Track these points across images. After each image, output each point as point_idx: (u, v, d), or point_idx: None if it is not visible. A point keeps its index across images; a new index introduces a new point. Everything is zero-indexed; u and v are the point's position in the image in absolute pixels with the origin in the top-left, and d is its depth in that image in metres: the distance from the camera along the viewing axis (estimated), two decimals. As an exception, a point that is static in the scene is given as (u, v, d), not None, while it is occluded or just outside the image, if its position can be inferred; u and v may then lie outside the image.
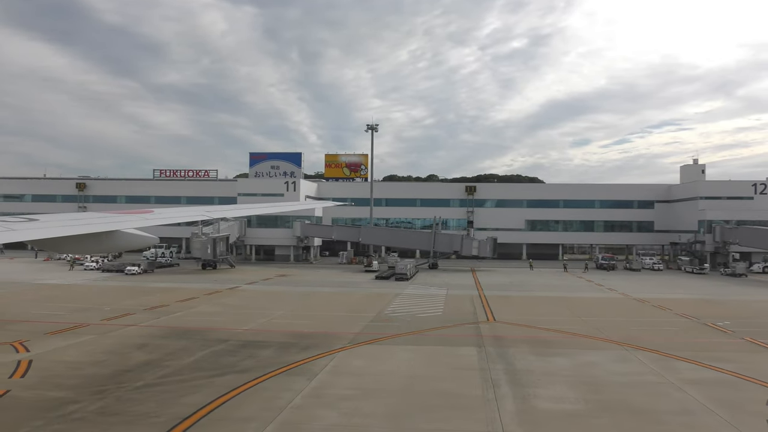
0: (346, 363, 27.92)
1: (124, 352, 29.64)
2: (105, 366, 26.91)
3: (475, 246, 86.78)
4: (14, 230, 14.24)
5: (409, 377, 25.48)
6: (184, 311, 43.45)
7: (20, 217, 16.29)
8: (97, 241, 17.25)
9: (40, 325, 36.49)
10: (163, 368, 26.39)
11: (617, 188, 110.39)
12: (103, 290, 56.61)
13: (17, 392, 22.34)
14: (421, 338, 34.39)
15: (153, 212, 21.68)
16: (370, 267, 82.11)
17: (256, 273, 76.96)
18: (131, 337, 33.41)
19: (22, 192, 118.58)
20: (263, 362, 27.89)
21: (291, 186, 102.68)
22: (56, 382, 24.01)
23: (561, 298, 54.34)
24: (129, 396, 22.18)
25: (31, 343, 31.24)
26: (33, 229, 14.98)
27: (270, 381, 24.59)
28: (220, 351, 30.17)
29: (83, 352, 29.52)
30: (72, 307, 44.67)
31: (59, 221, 17.29)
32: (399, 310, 45.42)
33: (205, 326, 37.54)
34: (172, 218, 24.79)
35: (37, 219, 16.22)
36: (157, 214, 21.28)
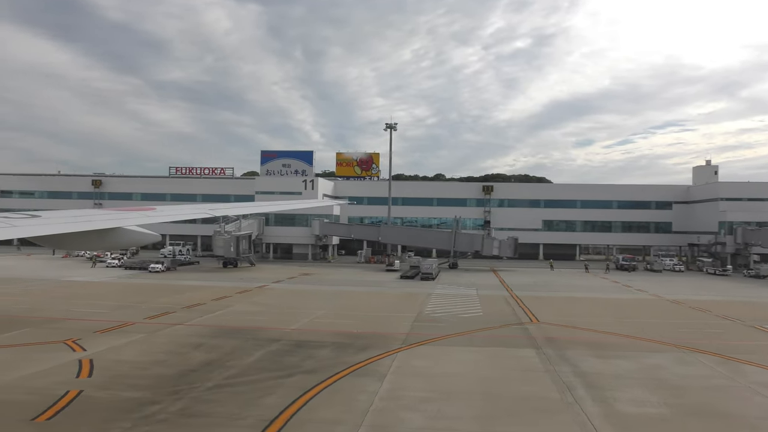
0: (410, 364, 27.60)
1: (182, 352, 29.31)
2: (168, 366, 26.59)
3: (496, 246, 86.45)
4: (16, 226, 14.13)
5: (480, 379, 25.17)
6: (224, 310, 43.13)
7: (22, 214, 16.14)
8: (100, 238, 17.06)
9: (86, 323, 36.19)
10: (228, 368, 26.07)
11: (635, 189, 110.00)
12: (133, 288, 56.30)
13: (91, 392, 22.02)
14: (473, 339, 34.09)
15: (156, 209, 21.54)
16: (392, 266, 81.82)
17: (278, 271, 76.63)
18: (183, 336, 33.10)
19: (37, 189, 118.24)
20: (325, 363, 27.57)
21: (309, 184, 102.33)
22: (126, 382, 23.71)
23: (595, 299, 54.04)
24: (205, 397, 21.87)
25: (84, 341, 30.93)
26: (35, 226, 14.80)
27: (341, 382, 24.27)
28: (276, 351, 29.85)
29: (140, 352, 29.21)
30: (110, 304, 44.36)
31: (61, 218, 17.10)
32: (438, 310, 45.09)
33: (250, 325, 37.22)
34: (175, 216, 24.65)
35: (40, 215, 16.06)
36: (159, 212, 21.11)
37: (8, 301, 44.79)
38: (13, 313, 39.57)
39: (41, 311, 40.57)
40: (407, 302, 49.82)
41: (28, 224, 14.80)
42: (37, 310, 41.24)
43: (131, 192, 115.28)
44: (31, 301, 45.30)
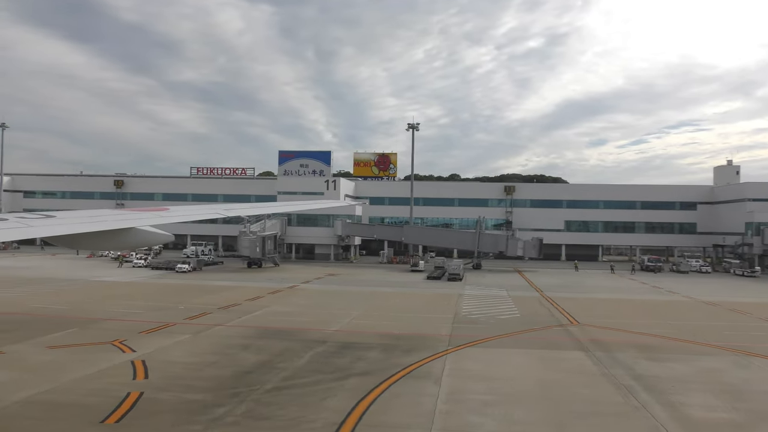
0: (462, 367, 27.29)
1: (231, 353, 29.20)
2: (221, 367, 26.48)
3: (520, 246, 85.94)
4: (32, 227, 14.26)
5: (537, 382, 24.85)
6: (261, 310, 43.06)
7: (38, 214, 16.27)
8: (114, 238, 17.23)
9: (129, 324, 36.23)
10: (281, 370, 25.92)
11: (659, 189, 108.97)
12: (165, 288, 56.42)
13: (152, 394, 21.92)
14: (517, 341, 33.77)
15: (169, 210, 21.63)
16: (417, 267, 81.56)
17: (304, 272, 76.60)
18: (227, 338, 33.01)
19: (60, 189, 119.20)
20: (376, 365, 27.35)
21: (331, 185, 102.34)
22: (184, 383, 23.62)
23: (629, 301, 53.49)
24: (266, 399, 21.71)
25: (131, 342, 30.91)
26: (50, 226, 14.89)
27: (397, 385, 24.01)
28: (324, 353, 29.66)
29: (189, 353, 29.14)
30: (146, 305, 44.43)
31: (76, 218, 17.23)
32: (474, 311, 44.75)
33: (291, 326, 37.09)
34: (188, 216, 24.74)
35: (54, 216, 16.18)
36: (173, 212, 21.17)
37: (48, 301, 44.96)
38: (57, 313, 39.72)
39: (82, 311, 40.69)
40: (441, 303, 49.57)
41: (44, 224, 14.89)
42: (78, 310, 41.37)
43: (153, 192, 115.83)
44: (69, 301, 45.47)
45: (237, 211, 41.07)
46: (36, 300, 45.38)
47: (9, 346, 28.99)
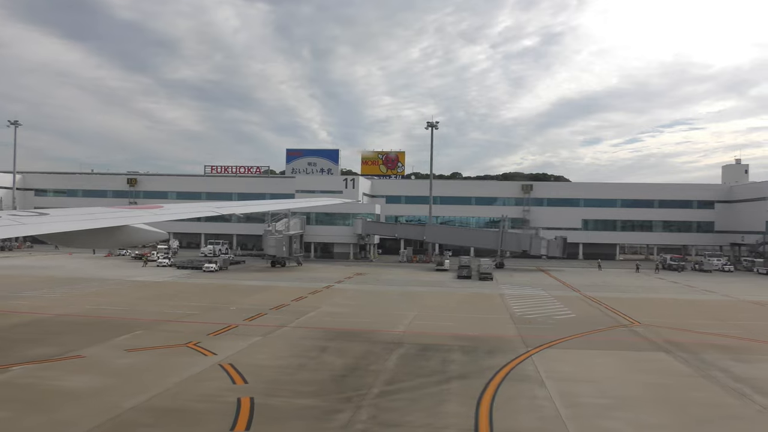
0: (556, 369, 26.80)
1: (313, 356, 28.60)
2: (312, 370, 25.87)
3: (544, 245, 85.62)
4: (24, 224, 13.96)
5: (642, 385, 24.44)
6: (314, 311, 42.40)
7: (30, 211, 15.99)
8: (108, 235, 17.11)
9: (191, 326, 35.58)
10: (375, 373, 25.39)
11: (676, 188, 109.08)
12: (203, 288, 55.57)
13: (263, 400, 21.28)
14: (592, 342, 33.43)
15: (163, 207, 21.52)
16: (442, 266, 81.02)
17: (329, 271, 75.92)
18: (299, 339, 32.40)
19: (73, 187, 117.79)
20: (468, 367, 26.91)
21: (350, 183, 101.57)
22: (286, 387, 23.03)
23: (676, 301, 53.23)
24: (384, 404, 21.16)
25: (205, 344, 30.24)
26: (43, 224, 14.62)
27: (505, 388, 23.50)
28: (407, 355, 29.12)
29: (271, 356, 28.50)
30: (196, 305, 43.69)
31: (69, 216, 17.06)
32: (528, 311, 44.30)
33: (354, 327, 36.51)
34: (182, 214, 24.59)
35: (48, 213, 15.95)
36: (166, 210, 21.10)
37: (98, 302, 44.09)
38: (113, 315, 38.94)
39: (137, 313, 39.91)
40: (487, 303, 49.21)
41: (37, 222, 14.61)
42: (133, 311, 40.58)
43: (166, 191, 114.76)
44: (119, 302, 44.67)
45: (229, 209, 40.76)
46: (85, 301, 44.53)
47: (86, 350, 28.25)
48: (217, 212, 24.61)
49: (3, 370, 24.28)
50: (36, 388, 22.02)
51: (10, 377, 23.32)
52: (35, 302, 43.28)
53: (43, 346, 28.67)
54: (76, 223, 15.70)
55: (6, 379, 23.10)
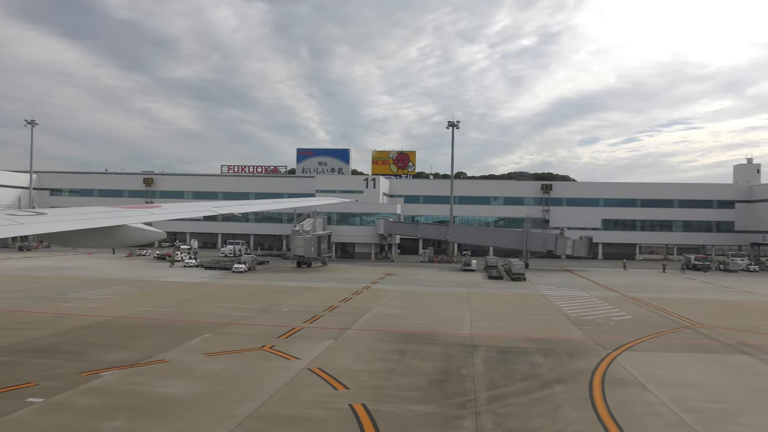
0: (650, 372, 26.31)
1: (396, 359, 28.06)
2: (405, 375, 25.34)
3: (570, 245, 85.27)
4: (22, 224, 13.94)
5: (747, 389, 24.07)
6: (368, 313, 41.86)
7: (28, 211, 16.03)
8: (105, 235, 17.04)
9: (256, 328, 35.08)
10: (470, 377, 24.90)
11: (696, 188, 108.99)
12: (243, 289, 54.96)
13: (375, 406, 20.71)
14: (669, 345, 33.12)
15: (161, 207, 21.47)
16: (469, 266, 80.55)
17: (357, 271, 75.41)
18: (373, 342, 31.86)
19: (89, 187, 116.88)
20: (558, 370, 26.47)
21: (371, 183, 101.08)
22: (391, 393, 22.49)
23: (724, 302, 52.93)
24: (499, 410, 20.68)
25: (281, 348, 29.71)
26: (40, 223, 14.58)
27: (610, 393, 23.02)
28: (491, 358, 28.63)
29: (354, 359, 27.92)
30: (247, 307, 43.11)
31: (67, 215, 17.07)
32: (582, 313, 43.86)
33: (419, 330, 35.85)
34: (180, 213, 24.49)
35: (45, 213, 15.96)
36: (164, 209, 21.05)
37: (146, 304, 43.44)
38: (168, 317, 38.31)
39: (190, 315, 39.32)
40: (534, 304, 48.88)
41: (34, 222, 14.51)
42: (184, 314, 40.01)
43: (183, 190, 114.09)
44: (166, 304, 44.06)
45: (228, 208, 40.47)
46: (135, 303, 43.91)
47: (165, 354, 27.64)
48: (216, 212, 24.23)
49: (93, 375, 23.63)
50: (138, 394, 21.43)
51: (106, 383, 22.70)
52: (85, 304, 42.63)
53: (120, 351, 28.04)
54: (73, 223, 15.55)
55: (101, 385, 22.48)
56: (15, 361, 25.42)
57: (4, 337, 30.17)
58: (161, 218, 19.59)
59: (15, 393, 21.05)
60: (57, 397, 20.59)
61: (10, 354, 26.68)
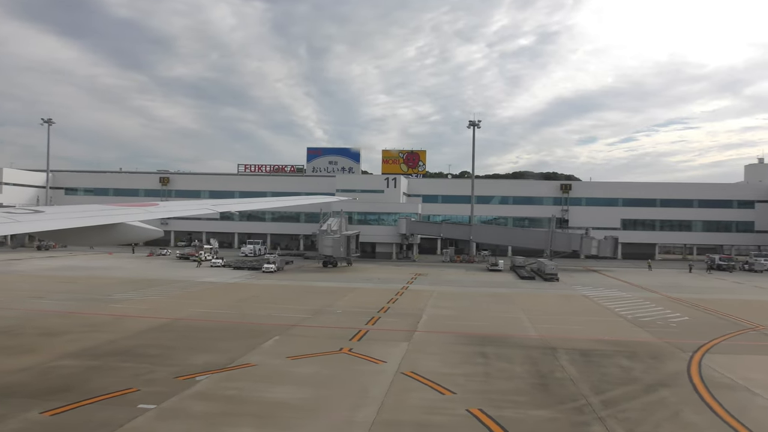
0: (747, 376, 25.81)
1: (481, 362, 27.56)
2: (503, 379, 24.83)
3: (595, 245, 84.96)
4: (19, 222, 14.02)
5: None
6: (423, 314, 41.32)
7: (25, 209, 15.97)
8: (103, 233, 17.08)
9: (322, 330, 34.67)
10: (571, 382, 24.39)
11: (715, 187, 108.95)
12: (285, 290, 54.44)
13: (495, 412, 20.17)
14: (740, 347, 32.83)
15: (158, 205, 21.57)
16: (496, 266, 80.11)
17: (383, 271, 74.90)
18: (448, 345, 31.37)
19: (104, 186, 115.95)
20: (651, 374, 26.13)
21: (392, 183, 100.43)
22: (501, 398, 22.00)
23: (762, 302, 52.63)
24: (621, 416, 20.21)
25: (359, 350, 29.14)
26: (37, 221, 14.72)
27: (720, 396, 22.55)
28: (577, 361, 28.12)
29: (442, 363, 27.30)
30: (299, 308, 42.53)
31: (64, 213, 17.22)
32: (637, 315, 43.43)
33: (485, 332, 35.34)
34: (178, 212, 24.51)
35: (43, 211, 16.09)
36: (162, 207, 21.26)
37: (197, 305, 42.79)
38: (227, 318, 37.65)
39: (247, 317, 38.71)
40: (581, 305, 48.71)
41: (31, 220, 14.55)
42: (240, 315, 39.38)
43: (199, 189, 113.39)
44: (217, 305, 43.46)
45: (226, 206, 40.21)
46: (186, 304, 43.24)
47: (247, 357, 27.07)
48: (214, 210, 23.87)
49: (189, 380, 23.05)
50: (247, 400, 20.86)
51: (208, 388, 22.11)
52: (136, 305, 41.98)
53: (200, 354, 27.45)
54: (71, 221, 15.62)
55: (204, 390, 21.89)
56: (103, 366, 24.78)
57: (79, 340, 29.52)
58: (158, 216, 19.73)
59: (121, 399, 20.44)
60: (167, 404, 19.99)
61: (94, 358, 26.04)
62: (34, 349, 27.49)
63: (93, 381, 22.40)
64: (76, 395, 20.51)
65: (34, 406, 19.20)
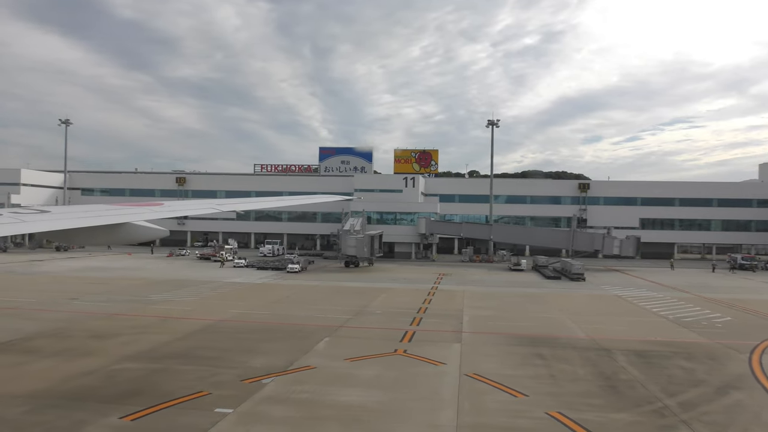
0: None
1: (539, 363, 27.22)
2: (568, 381, 24.46)
3: (617, 245, 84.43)
4: (25, 222, 14.20)
5: None
6: (465, 315, 41.00)
7: (32, 209, 16.20)
8: (108, 233, 17.34)
9: (368, 332, 34.45)
10: (640, 384, 24.06)
11: (734, 186, 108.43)
12: (314, 291, 54.14)
13: (576, 415, 19.89)
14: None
15: (163, 204, 21.93)
16: (519, 266, 79.69)
17: (407, 271, 74.58)
18: (500, 345, 31.07)
19: (120, 186, 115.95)
20: (716, 375, 25.79)
21: (410, 182, 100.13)
22: (575, 400, 21.67)
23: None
24: (705, 419, 19.92)
25: (414, 352, 28.88)
26: (44, 221, 14.87)
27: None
28: (636, 363, 27.74)
29: (501, 364, 27.02)
30: (337, 309, 42.27)
31: (70, 213, 17.56)
32: (678, 315, 43.02)
33: (532, 333, 35.00)
34: (183, 211, 24.82)
35: (49, 211, 16.31)
36: (167, 207, 21.20)
37: (235, 306, 42.50)
38: (267, 320, 37.47)
39: (288, 318, 38.33)
40: (618, 305, 48.38)
41: (37, 220, 14.72)
42: (278, 315, 39.14)
43: (216, 190, 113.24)
44: (254, 306, 43.29)
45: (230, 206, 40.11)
46: (223, 305, 42.97)
47: (304, 359, 26.80)
48: (219, 209, 23.83)
49: (255, 382, 22.80)
50: (323, 404, 20.59)
51: (278, 392, 21.84)
52: (176, 306, 41.82)
53: (257, 356, 27.22)
54: (77, 221, 15.82)
55: (274, 393, 21.62)
56: (166, 369, 24.56)
57: (132, 342, 29.30)
58: (164, 216, 19.89)
59: (195, 403, 20.21)
60: (243, 408, 19.73)
61: (153, 360, 25.81)
62: (90, 352, 27.29)
63: (161, 384, 22.15)
64: (149, 399, 20.26)
65: (111, 411, 18.95)
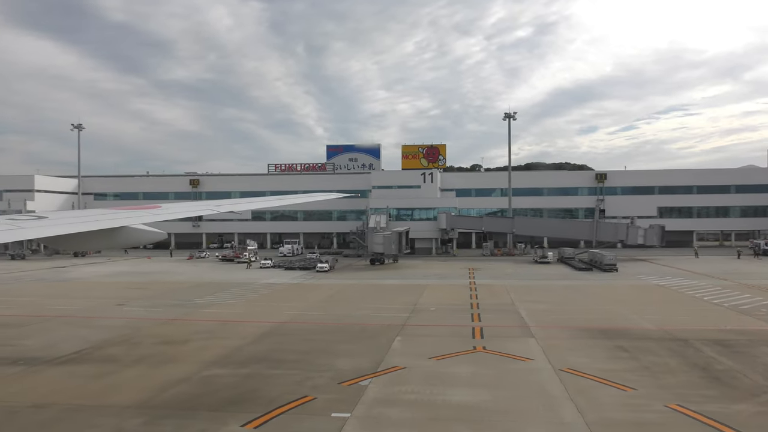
0: None
1: (627, 356, 26.85)
2: (669, 373, 24.03)
3: (641, 234, 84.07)
4: (23, 228, 14.27)
5: None
6: (522, 310, 40.52)
7: (29, 215, 16.45)
8: (106, 237, 17.33)
9: (433, 329, 33.98)
10: (740, 373, 23.67)
11: (753, 172, 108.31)
12: (352, 289, 53.78)
13: (696, 407, 19.46)
14: None
15: (161, 207, 21.34)
16: (546, 258, 79.26)
17: (433, 267, 74.17)
18: (578, 340, 30.64)
19: (133, 190, 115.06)
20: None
21: (428, 178, 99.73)
22: (683, 392, 21.25)
23: None
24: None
25: (493, 347, 28.47)
26: (41, 227, 15.09)
27: None
28: (721, 352, 27.43)
29: (587, 358, 26.61)
30: (390, 307, 41.84)
31: (68, 218, 17.57)
32: (733, 302, 42.78)
33: (599, 325, 34.73)
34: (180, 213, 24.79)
35: (47, 216, 16.52)
36: (164, 209, 20.79)
37: (287, 308, 42.03)
38: (322, 320, 36.93)
39: (344, 317, 38.03)
40: (663, 294, 48.42)
41: (35, 226, 14.85)
42: (331, 315, 38.78)
43: (230, 191, 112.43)
44: (306, 307, 42.74)
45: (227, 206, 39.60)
46: (274, 307, 42.56)
47: (389, 360, 26.32)
48: (216, 210, 23.65)
49: (353, 385, 22.30)
50: (435, 404, 20.16)
51: (383, 394, 21.32)
52: (226, 309, 41.32)
53: (339, 358, 26.71)
54: (74, 226, 15.80)
55: (381, 396, 21.09)
56: (256, 374, 24.04)
57: (208, 347, 28.76)
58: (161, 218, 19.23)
59: (305, 408, 19.71)
60: (358, 411, 19.24)
61: (239, 366, 25.28)
62: (170, 359, 26.75)
63: (261, 390, 21.63)
64: (258, 406, 19.78)
65: (227, 420, 18.43)
